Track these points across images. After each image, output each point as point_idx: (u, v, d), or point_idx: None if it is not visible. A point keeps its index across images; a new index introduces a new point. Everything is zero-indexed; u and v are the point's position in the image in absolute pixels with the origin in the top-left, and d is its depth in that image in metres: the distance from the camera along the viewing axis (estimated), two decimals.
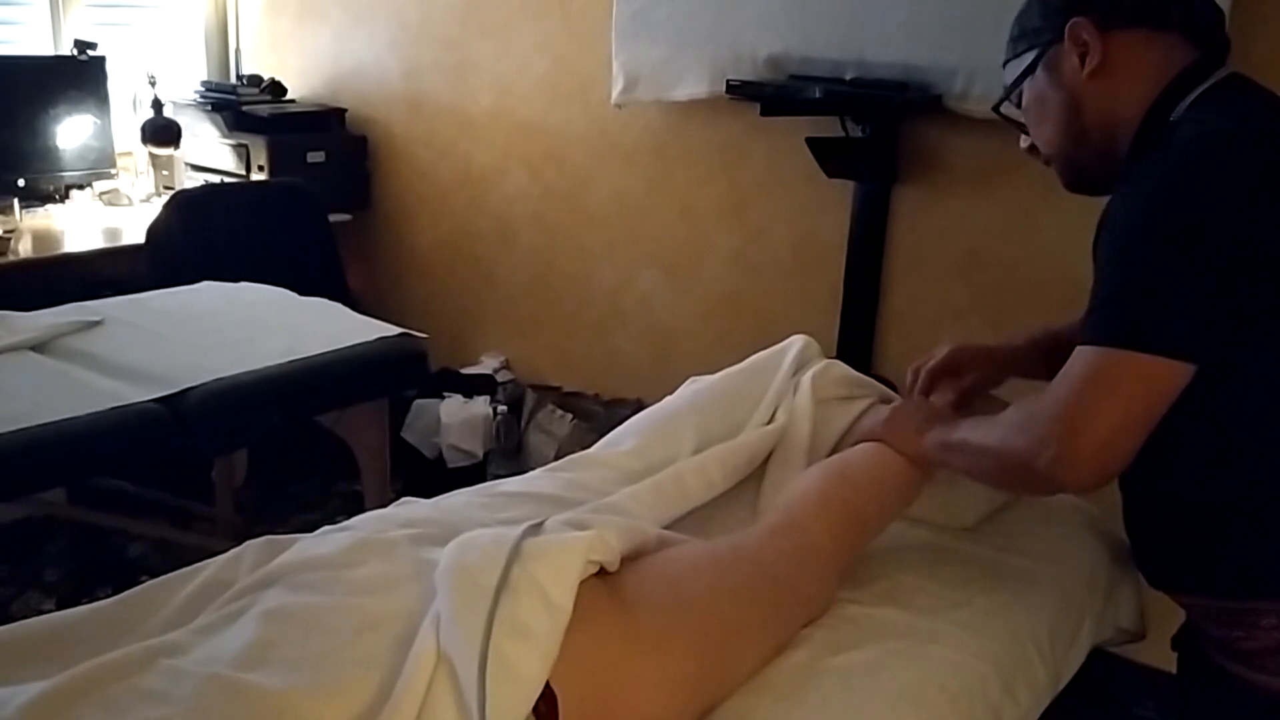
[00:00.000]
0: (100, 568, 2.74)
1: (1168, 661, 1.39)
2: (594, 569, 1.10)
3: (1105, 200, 1.19)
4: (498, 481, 1.51)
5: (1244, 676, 1.19)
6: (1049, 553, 1.48)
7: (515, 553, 1.03)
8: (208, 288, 2.55)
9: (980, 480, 1.38)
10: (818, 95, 2.43)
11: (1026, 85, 1.30)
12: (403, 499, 1.34)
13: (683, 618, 1.13)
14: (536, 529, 1.10)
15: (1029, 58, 1.28)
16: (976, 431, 1.29)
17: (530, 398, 3.24)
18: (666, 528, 1.37)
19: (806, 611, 1.28)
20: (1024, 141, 1.36)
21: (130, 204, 3.42)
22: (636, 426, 1.59)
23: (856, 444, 1.50)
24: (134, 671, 0.89)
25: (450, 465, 3.14)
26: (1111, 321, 1.09)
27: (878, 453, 1.43)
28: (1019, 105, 1.35)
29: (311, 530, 1.22)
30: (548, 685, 0.97)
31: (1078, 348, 1.12)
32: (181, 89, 3.69)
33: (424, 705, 0.90)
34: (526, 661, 0.95)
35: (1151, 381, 1.07)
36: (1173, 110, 1.18)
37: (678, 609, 1.14)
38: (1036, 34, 1.27)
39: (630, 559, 1.17)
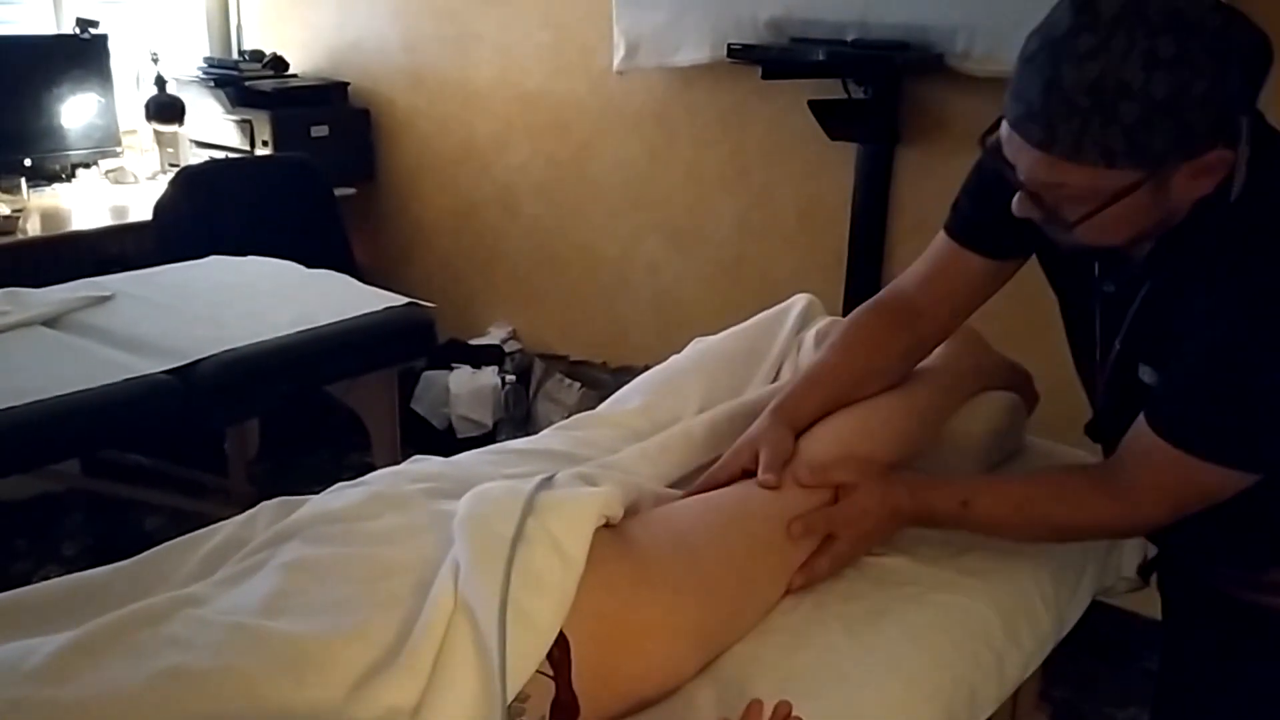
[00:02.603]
0: (117, 541, 2.77)
1: None
2: (603, 522, 1.12)
3: None
4: (508, 441, 1.53)
5: (1260, 601, 1.23)
6: None
7: (530, 505, 1.05)
8: (215, 262, 2.57)
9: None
10: (819, 57, 2.43)
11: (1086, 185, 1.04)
12: (415, 457, 1.37)
13: (690, 566, 1.16)
14: (548, 482, 1.12)
15: (1131, 177, 1.01)
16: (1006, 508, 1.26)
17: (538, 367, 3.26)
18: (673, 484, 1.40)
19: None
20: (1020, 205, 1.11)
21: (136, 181, 3.44)
22: (643, 385, 1.61)
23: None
24: (158, 620, 0.92)
25: (460, 435, 3.17)
26: (1198, 428, 1.09)
27: (882, 403, 1.44)
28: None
29: None
30: (561, 632, 0.99)
31: (1146, 432, 1.12)
32: (184, 66, 3.70)
33: (442, 647, 0.92)
34: (541, 610, 0.98)
35: (1229, 481, 1.10)
36: (1230, 187, 1.05)
37: (685, 558, 1.16)
38: (1157, 159, 1.00)
39: (631, 512, 1.19)
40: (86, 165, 3.42)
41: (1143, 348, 1.18)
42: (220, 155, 3.53)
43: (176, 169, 3.23)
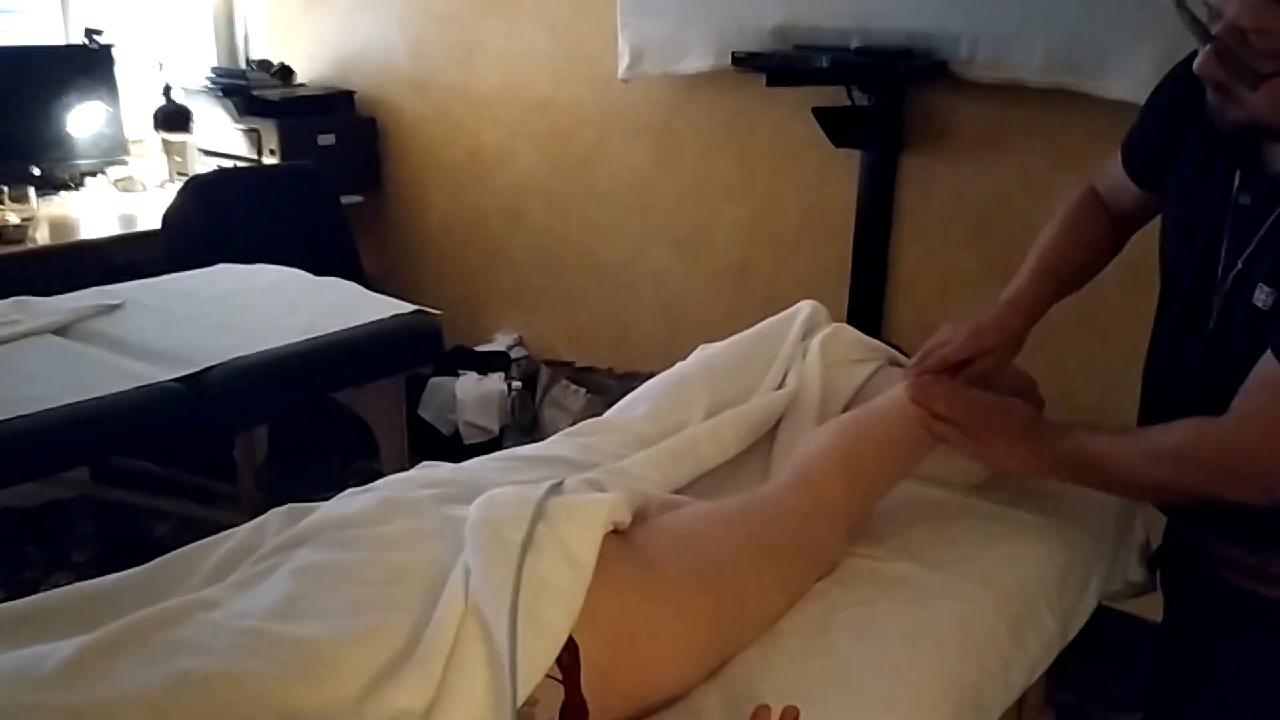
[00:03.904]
0: (127, 548, 2.78)
1: None
2: (612, 528, 1.13)
3: None
4: (516, 448, 1.54)
5: (1263, 593, 1.23)
6: (1056, 508, 1.50)
7: (540, 511, 1.06)
8: (224, 270, 2.59)
9: (1125, 492, 1.38)
10: (824, 65, 2.44)
11: None
12: (424, 463, 1.38)
13: (699, 572, 1.17)
14: (557, 488, 1.13)
15: None
16: (1115, 457, 1.25)
17: (544, 373, 3.27)
18: (680, 490, 1.41)
19: (819, 566, 1.31)
20: (1204, 62, 1.13)
21: (144, 190, 3.45)
22: (649, 392, 1.62)
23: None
24: (171, 625, 0.93)
25: (466, 441, 3.18)
26: None
27: (888, 411, 1.45)
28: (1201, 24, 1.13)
29: None
30: (570, 637, 1.00)
31: (1266, 363, 1.11)
32: (192, 75, 3.72)
33: (453, 651, 0.93)
34: (551, 615, 0.99)
35: None
36: None
37: (694, 564, 1.17)
38: None
39: (639, 519, 1.20)
40: (95, 174, 3.44)
41: (1264, 265, 1.16)
42: (228, 164, 3.55)
43: (184, 178, 3.25)
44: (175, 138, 3.55)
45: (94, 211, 3.26)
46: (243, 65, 3.89)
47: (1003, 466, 1.39)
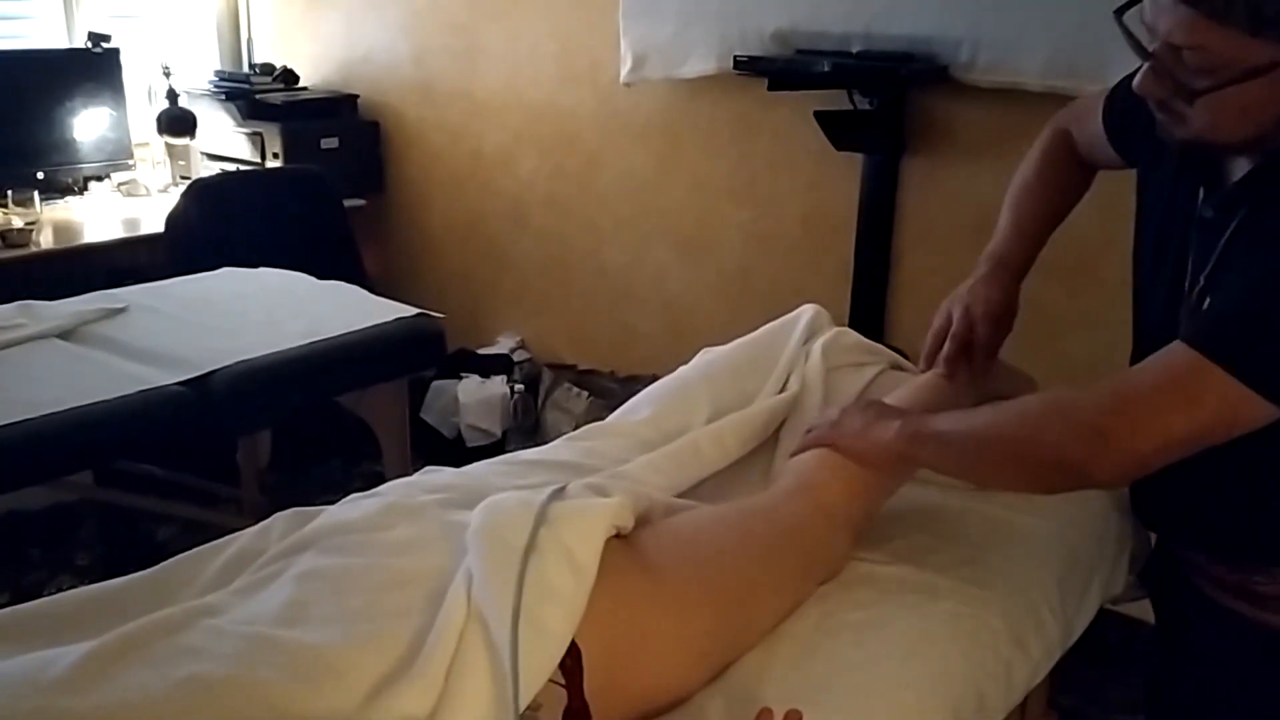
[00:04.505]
0: (130, 551, 2.79)
1: None
2: (614, 532, 1.14)
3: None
4: (518, 452, 1.55)
5: (1246, 614, 1.22)
6: (1058, 511, 1.50)
7: (542, 516, 1.07)
8: (227, 274, 2.60)
9: (963, 475, 1.33)
10: (825, 69, 2.45)
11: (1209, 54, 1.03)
12: (426, 468, 1.38)
13: (701, 577, 1.17)
14: (560, 493, 1.14)
15: (1269, 54, 1.00)
16: (970, 421, 1.22)
17: (546, 376, 3.28)
18: (683, 495, 1.41)
19: (821, 570, 1.31)
20: (1143, 80, 1.10)
21: (148, 194, 3.46)
22: (652, 396, 1.62)
23: (799, 452, 1.39)
24: (175, 630, 0.93)
25: (469, 444, 3.18)
26: (1231, 338, 1.04)
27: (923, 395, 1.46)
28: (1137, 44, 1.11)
29: None
30: (573, 641, 1.00)
31: (1174, 344, 1.07)
32: (195, 79, 3.73)
33: (456, 656, 0.94)
34: (554, 619, 0.99)
35: (1238, 412, 1.03)
36: None
37: (696, 568, 1.17)
38: None
39: (642, 523, 1.21)
40: (99, 178, 3.45)
41: (1219, 279, 1.13)
42: (231, 168, 3.56)
43: (188, 181, 3.26)
44: (179, 142, 3.56)
45: (98, 215, 3.27)
46: (246, 69, 3.90)
47: (860, 449, 1.32)
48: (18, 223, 2.96)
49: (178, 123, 3.54)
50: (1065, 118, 1.53)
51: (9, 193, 3.06)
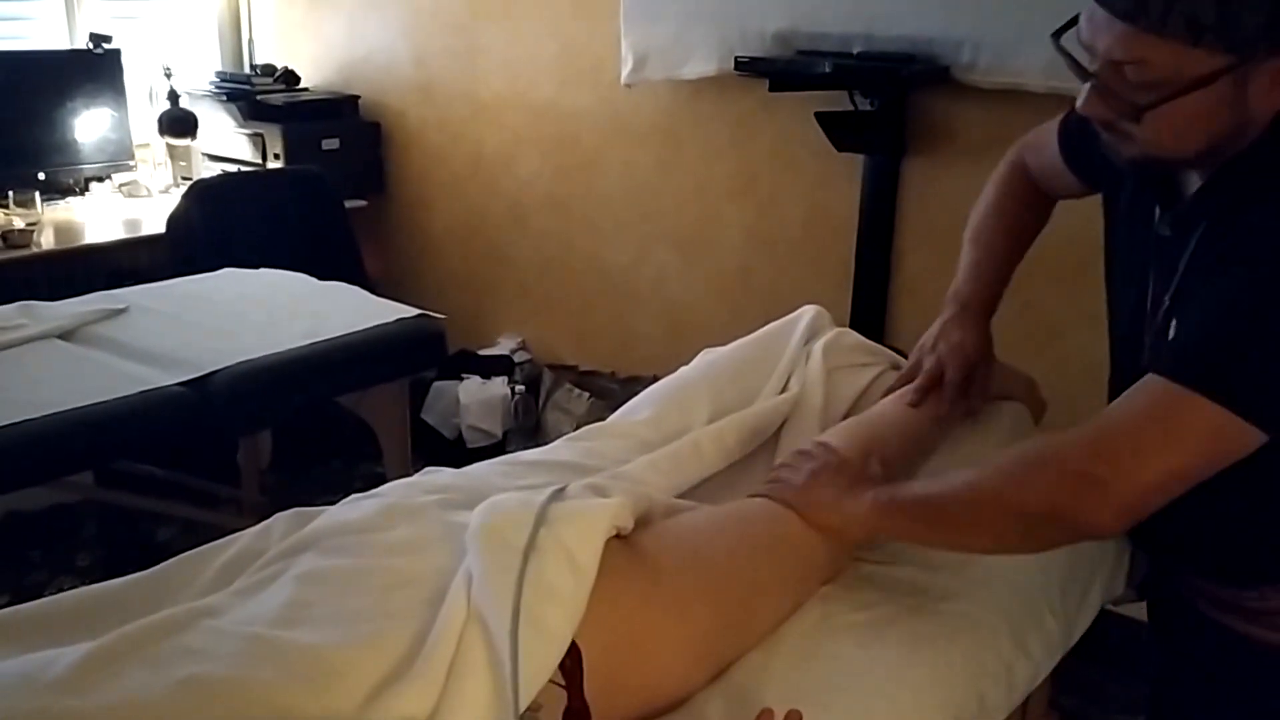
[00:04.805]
0: (130, 552, 2.79)
1: None
2: (614, 533, 1.14)
3: None
4: (519, 453, 1.55)
5: (1238, 628, 1.21)
6: None
7: (542, 516, 1.07)
8: (228, 274, 2.60)
9: (946, 543, 1.24)
10: (826, 70, 2.45)
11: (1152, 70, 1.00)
12: (427, 469, 1.38)
13: (702, 577, 1.17)
14: (560, 493, 1.14)
15: (1213, 62, 0.97)
16: (948, 485, 1.15)
17: (547, 377, 3.28)
18: (683, 495, 1.41)
19: (822, 571, 1.31)
20: (1087, 101, 1.08)
21: (149, 195, 3.46)
22: (652, 396, 1.62)
23: (755, 496, 1.32)
24: (176, 631, 0.93)
25: (470, 445, 3.18)
26: (1205, 365, 1.00)
27: (890, 415, 1.45)
28: (1073, 61, 1.09)
29: None
30: (573, 642, 1.00)
31: (1147, 377, 1.04)
32: (196, 80, 3.73)
33: (455, 657, 0.94)
34: (554, 620, 0.99)
35: (1222, 439, 1.00)
36: None
37: (697, 569, 1.17)
38: (1244, 43, 0.97)
39: (642, 523, 1.21)
40: (100, 179, 3.46)
41: (1182, 299, 1.10)
42: (232, 168, 3.56)
43: (189, 182, 3.26)
44: (180, 142, 3.56)
45: (99, 216, 3.27)
46: (247, 70, 3.90)
47: (832, 522, 1.25)
48: (19, 223, 2.96)
49: (179, 124, 3.54)
50: (1020, 151, 1.52)
51: (10, 193, 3.06)
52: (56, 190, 3.34)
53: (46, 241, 3.00)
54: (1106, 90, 1.04)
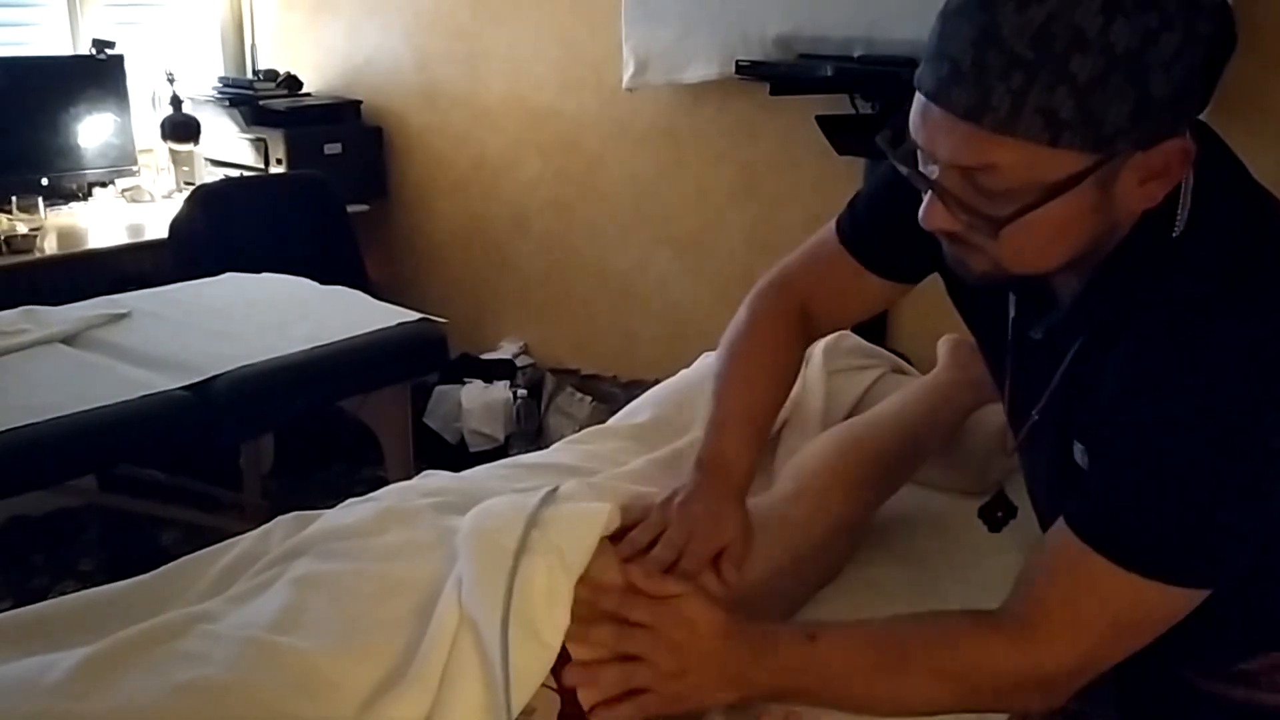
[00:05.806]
0: (133, 556, 2.79)
1: None
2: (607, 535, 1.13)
3: None
4: (518, 456, 1.55)
5: (1218, 692, 1.08)
6: None
7: (534, 519, 1.07)
8: (231, 279, 2.60)
9: (867, 703, 1.00)
10: (827, 74, 2.45)
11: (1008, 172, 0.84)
12: (425, 472, 1.38)
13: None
14: (552, 495, 1.14)
15: (1075, 162, 0.82)
16: (869, 634, 1.00)
17: (549, 381, 3.28)
18: None
19: (821, 575, 1.32)
20: (930, 213, 0.90)
21: (152, 200, 3.47)
22: (653, 399, 1.63)
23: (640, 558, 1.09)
24: (174, 636, 0.94)
25: (472, 449, 3.18)
26: (1117, 526, 0.89)
27: (889, 418, 1.45)
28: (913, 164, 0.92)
29: None
30: (563, 646, 1.00)
31: (1062, 527, 0.91)
32: (199, 85, 3.74)
33: (448, 664, 0.94)
34: (546, 623, 0.99)
35: (1170, 609, 0.90)
36: (1174, 217, 0.89)
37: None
38: (1108, 138, 0.81)
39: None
40: (103, 184, 3.46)
41: (1075, 420, 0.97)
42: (235, 173, 3.56)
43: (192, 187, 3.27)
44: (183, 148, 3.56)
45: (102, 221, 3.28)
46: (250, 75, 3.91)
47: (712, 702, 1.01)
48: (22, 228, 2.96)
49: (181, 129, 3.55)
50: (779, 297, 1.30)
51: (13, 198, 3.06)
52: (59, 195, 3.34)
53: (49, 246, 3.01)
54: (954, 200, 0.87)
